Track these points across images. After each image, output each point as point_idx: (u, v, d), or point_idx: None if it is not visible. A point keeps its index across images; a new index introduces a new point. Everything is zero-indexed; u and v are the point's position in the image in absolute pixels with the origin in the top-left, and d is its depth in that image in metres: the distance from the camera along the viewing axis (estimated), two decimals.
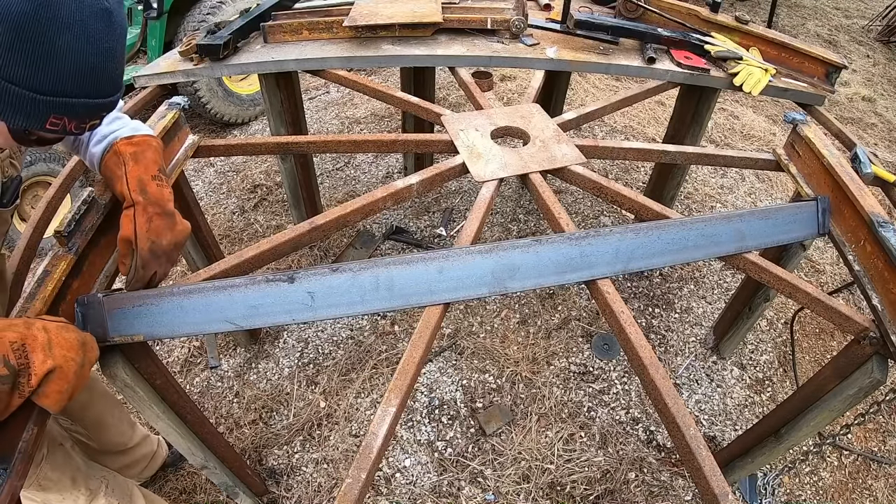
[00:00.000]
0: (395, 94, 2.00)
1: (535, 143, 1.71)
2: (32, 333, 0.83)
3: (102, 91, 0.83)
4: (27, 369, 0.81)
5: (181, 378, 2.24)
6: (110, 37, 0.79)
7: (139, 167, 1.11)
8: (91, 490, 1.35)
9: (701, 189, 3.38)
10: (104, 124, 1.15)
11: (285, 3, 2.25)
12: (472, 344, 2.38)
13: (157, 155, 1.17)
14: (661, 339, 2.46)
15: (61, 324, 0.90)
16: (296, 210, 2.67)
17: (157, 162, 1.15)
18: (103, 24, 0.78)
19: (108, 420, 1.59)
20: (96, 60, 0.79)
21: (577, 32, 2.10)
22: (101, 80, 0.82)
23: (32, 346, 0.82)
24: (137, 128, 1.19)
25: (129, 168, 1.10)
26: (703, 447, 1.03)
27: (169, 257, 1.12)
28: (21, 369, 0.80)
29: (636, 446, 2.04)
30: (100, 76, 0.81)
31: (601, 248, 1.26)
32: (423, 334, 1.15)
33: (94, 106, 0.83)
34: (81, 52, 0.76)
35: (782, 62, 2.06)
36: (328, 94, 4.29)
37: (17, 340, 0.80)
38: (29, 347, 0.81)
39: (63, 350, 0.85)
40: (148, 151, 1.15)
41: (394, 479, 1.93)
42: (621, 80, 4.63)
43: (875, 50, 5.71)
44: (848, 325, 1.26)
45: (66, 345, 0.86)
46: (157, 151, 1.18)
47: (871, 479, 2.01)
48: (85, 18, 0.75)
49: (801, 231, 1.43)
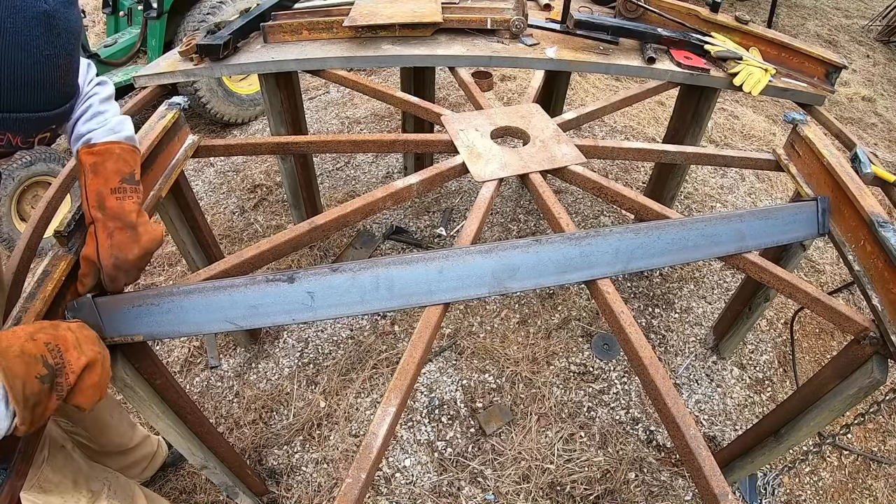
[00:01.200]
0: (395, 94, 2.00)
1: (535, 143, 1.71)
2: (62, 334, 0.85)
3: (46, 103, 0.76)
4: (63, 368, 0.82)
5: (181, 378, 2.24)
6: (51, 43, 0.72)
7: (98, 179, 1.04)
8: (93, 492, 1.35)
9: (701, 189, 3.38)
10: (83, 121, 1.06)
11: (285, 3, 2.25)
12: (472, 344, 2.38)
13: (119, 164, 1.06)
14: (661, 339, 2.46)
15: (78, 324, 0.93)
16: (296, 210, 2.67)
17: (119, 171, 1.06)
18: (41, 31, 0.70)
19: (108, 421, 1.59)
20: (34, 71, 0.71)
21: (576, 32, 2.10)
22: (42, 92, 0.74)
23: (65, 345, 0.83)
24: (115, 128, 1.08)
25: (88, 180, 1.03)
26: (703, 447, 1.03)
27: (137, 267, 1.08)
28: (58, 368, 0.81)
29: (636, 446, 2.04)
30: (40, 88, 0.74)
31: (601, 248, 1.26)
32: (423, 334, 1.15)
33: (38, 120, 0.76)
34: (15, 62, 0.69)
35: (782, 62, 2.06)
36: (328, 94, 4.29)
37: (51, 342, 0.82)
38: (62, 347, 0.83)
39: (90, 345, 0.88)
40: (109, 161, 1.05)
41: (394, 479, 1.93)
42: (621, 80, 4.63)
43: (875, 50, 5.71)
44: (848, 325, 1.26)
45: (91, 341, 0.89)
46: (119, 159, 1.07)
47: (871, 479, 2.01)
48: (17, 25, 0.67)
49: (801, 231, 1.43)
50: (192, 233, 1.87)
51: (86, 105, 1.07)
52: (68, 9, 0.74)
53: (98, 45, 3.44)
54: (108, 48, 3.34)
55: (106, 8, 3.63)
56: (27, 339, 0.79)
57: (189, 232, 1.85)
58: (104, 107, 1.09)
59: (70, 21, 0.75)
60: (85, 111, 1.06)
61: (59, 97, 0.78)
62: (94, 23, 5.13)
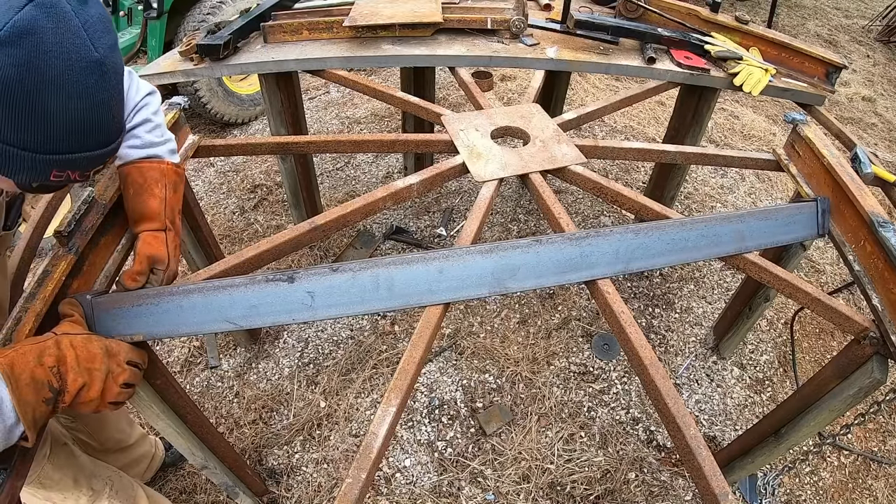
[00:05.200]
0: (395, 94, 2.00)
1: (535, 143, 1.71)
2: (63, 354, 0.89)
3: (101, 142, 0.81)
4: (64, 389, 0.88)
5: (181, 378, 2.24)
6: (104, 88, 0.76)
7: (176, 197, 1.22)
8: (94, 491, 1.35)
9: (701, 189, 3.38)
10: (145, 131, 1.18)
11: (285, 3, 2.26)
12: (472, 344, 2.38)
13: (184, 189, 1.29)
14: (661, 339, 2.46)
15: (85, 336, 0.96)
16: (296, 210, 2.67)
17: (183, 196, 1.27)
18: (95, 78, 0.74)
19: (108, 416, 1.60)
20: (91, 115, 0.76)
21: (577, 32, 2.10)
22: (98, 133, 0.80)
23: (65, 367, 0.89)
24: (173, 148, 1.26)
25: (168, 194, 1.20)
26: (703, 447, 1.02)
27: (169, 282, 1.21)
28: (60, 390, 0.88)
29: (636, 446, 2.04)
30: (97, 129, 0.79)
31: (601, 248, 1.26)
32: (423, 334, 1.15)
33: (95, 157, 0.81)
34: (74, 109, 0.74)
35: (782, 62, 2.06)
36: (328, 94, 4.29)
37: (55, 365, 0.87)
38: (63, 369, 0.88)
39: (89, 364, 0.92)
40: (181, 185, 1.26)
41: (394, 479, 1.93)
42: (621, 80, 4.63)
43: (875, 50, 5.71)
44: (848, 325, 1.26)
45: (91, 357, 0.93)
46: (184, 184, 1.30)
47: (871, 479, 2.01)
48: (74, 75, 0.72)
49: (801, 232, 1.43)
50: (192, 233, 1.86)
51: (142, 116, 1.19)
52: (114, 52, 0.80)
53: None
54: None
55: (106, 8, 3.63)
56: (36, 365, 0.84)
57: (189, 232, 1.85)
58: (159, 118, 1.24)
59: (116, 63, 0.80)
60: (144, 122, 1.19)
61: (114, 133, 0.85)
62: None
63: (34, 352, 0.86)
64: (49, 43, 0.69)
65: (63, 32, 0.71)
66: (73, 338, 0.93)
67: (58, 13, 0.70)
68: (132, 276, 1.11)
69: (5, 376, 0.80)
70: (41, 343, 0.89)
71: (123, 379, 0.98)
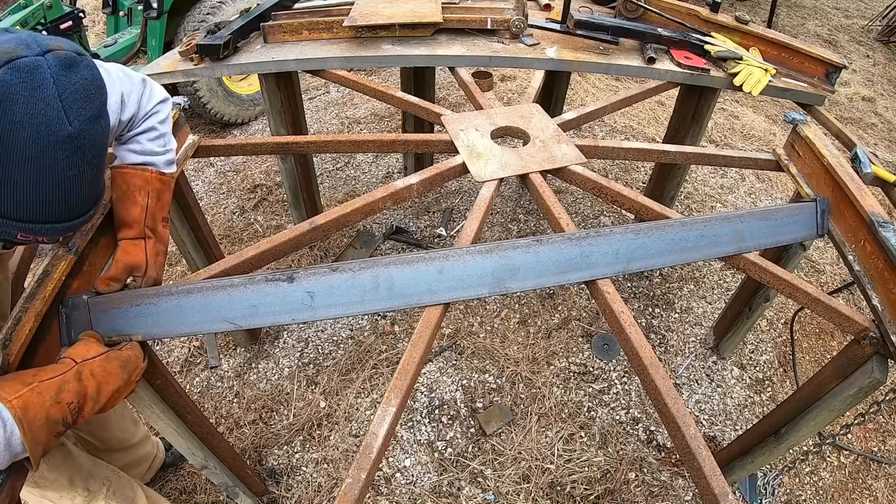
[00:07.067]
0: (395, 94, 2.00)
1: (535, 143, 1.71)
2: (84, 387, 0.89)
3: (68, 216, 0.79)
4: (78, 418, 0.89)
5: (181, 378, 2.24)
6: (74, 163, 0.74)
7: (159, 205, 1.18)
8: (90, 491, 1.35)
9: (701, 189, 3.38)
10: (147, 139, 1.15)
11: (285, 3, 2.25)
12: (472, 344, 2.38)
13: (170, 196, 1.24)
14: (661, 339, 2.46)
15: (103, 357, 0.95)
16: (296, 210, 2.67)
17: (168, 203, 1.23)
18: (66, 153, 0.72)
19: (111, 416, 1.60)
20: (59, 190, 0.74)
21: (577, 32, 2.10)
22: (68, 207, 0.78)
23: (84, 399, 0.89)
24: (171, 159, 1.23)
25: (150, 202, 1.16)
26: (703, 447, 1.02)
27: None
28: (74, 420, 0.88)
29: (636, 446, 2.04)
30: (63, 203, 0.77)
31: (601, 248, 1.26)
32: (423, 334, 1.15)
33: (61, 229, 0.80)
34: (39, 182, 0.71)
35: (782, 62, 2.06)
36: (328, 94, 4.29)
37: (74, 401, 0.86)
38: (82, 401, 0.89)
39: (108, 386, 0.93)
40: (167, 192, 1.22)
41: (394, 479, 1.93)
42: (621, 80, 4.63)
43: (875, 50, 5.71)
44: (848, 325, 1.26)
45: (110, 379, 0.94)
46: (172, 192, 1.25)
47: (871, 479, 2.01)
48: (42, 149, 0.70)
49: (801, 232, 1.43)
50: (192, 233, 1.86)
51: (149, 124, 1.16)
52: (93, 124, 0.76)
53: (98, 45, 3.44)
54: (108, 48, 3.34)
55: (106, 8, 3.63)
56: (53, 404, 0.82)
57: (189, 232, 1.85)
58: (165, 128, 1.21)
59: (95, 136, 0.77)
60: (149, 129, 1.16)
61: (85, 206, 0.82)
62: (94, 23, 5.13)
63: (52, 389, 0.83)
64: (19, 113, 0.67)
65: (35, 103, 0.68)
66: (92, 365, 0.92)
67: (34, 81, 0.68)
68: (105, 280, 1.09)
69: (17, 420, 0.77)
70: (60, 377, 0.86)
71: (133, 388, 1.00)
